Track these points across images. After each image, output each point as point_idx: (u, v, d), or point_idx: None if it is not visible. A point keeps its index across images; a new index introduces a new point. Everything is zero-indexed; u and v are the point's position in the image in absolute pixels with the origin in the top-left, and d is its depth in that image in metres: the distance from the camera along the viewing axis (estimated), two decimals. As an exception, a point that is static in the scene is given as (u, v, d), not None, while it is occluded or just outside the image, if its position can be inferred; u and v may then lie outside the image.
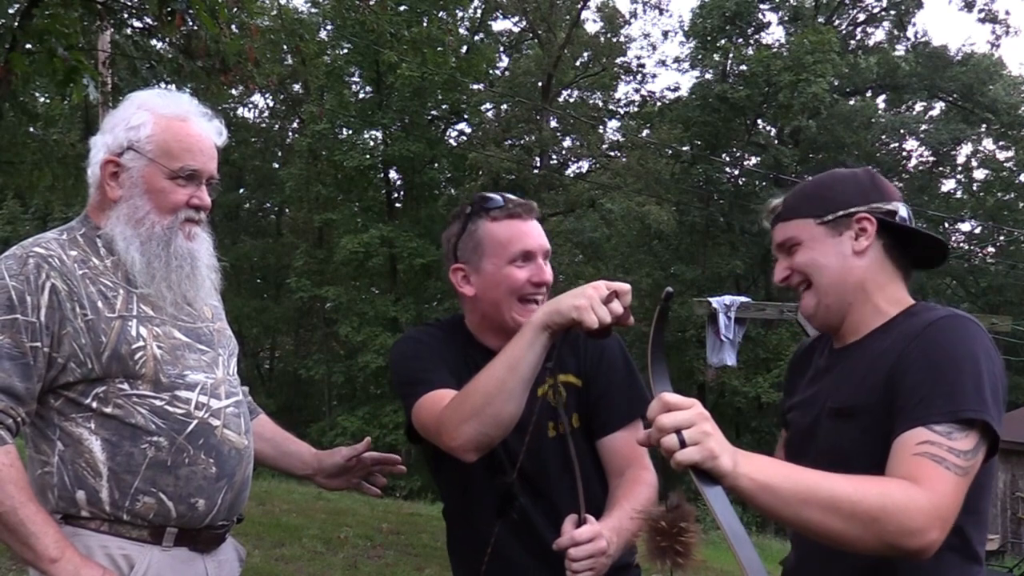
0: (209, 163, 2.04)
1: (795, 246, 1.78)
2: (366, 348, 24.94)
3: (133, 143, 1.97)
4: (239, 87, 9.13)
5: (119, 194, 1.98)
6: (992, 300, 32.33)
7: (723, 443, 1.41)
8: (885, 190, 1.79)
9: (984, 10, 31.15)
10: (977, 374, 1.57)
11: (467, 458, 1.87)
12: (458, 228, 2.09)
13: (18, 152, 10.04)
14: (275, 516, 9.07)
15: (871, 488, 1.46)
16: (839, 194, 1.76)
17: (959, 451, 1.51)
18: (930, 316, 1.68)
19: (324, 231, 29.45)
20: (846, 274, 1.75)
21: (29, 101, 10.74)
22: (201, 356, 2.01)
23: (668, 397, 1.43)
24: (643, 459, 2.06)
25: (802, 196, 1.81)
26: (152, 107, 2.02)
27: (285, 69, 21.77)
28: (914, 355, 1.62)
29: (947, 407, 1.54)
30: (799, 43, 26.17)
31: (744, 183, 29.31)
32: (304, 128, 28.25)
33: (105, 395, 1.89)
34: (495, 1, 29.78)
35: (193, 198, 2.01)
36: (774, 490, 1.43)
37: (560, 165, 31.52)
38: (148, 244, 1.96)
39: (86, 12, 7.32)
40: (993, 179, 33.27)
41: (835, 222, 1.75)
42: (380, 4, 13.48)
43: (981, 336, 1.64)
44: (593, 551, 1.78)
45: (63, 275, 1.88)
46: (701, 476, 1.39)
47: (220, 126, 2.10)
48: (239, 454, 2.02)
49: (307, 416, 30.46)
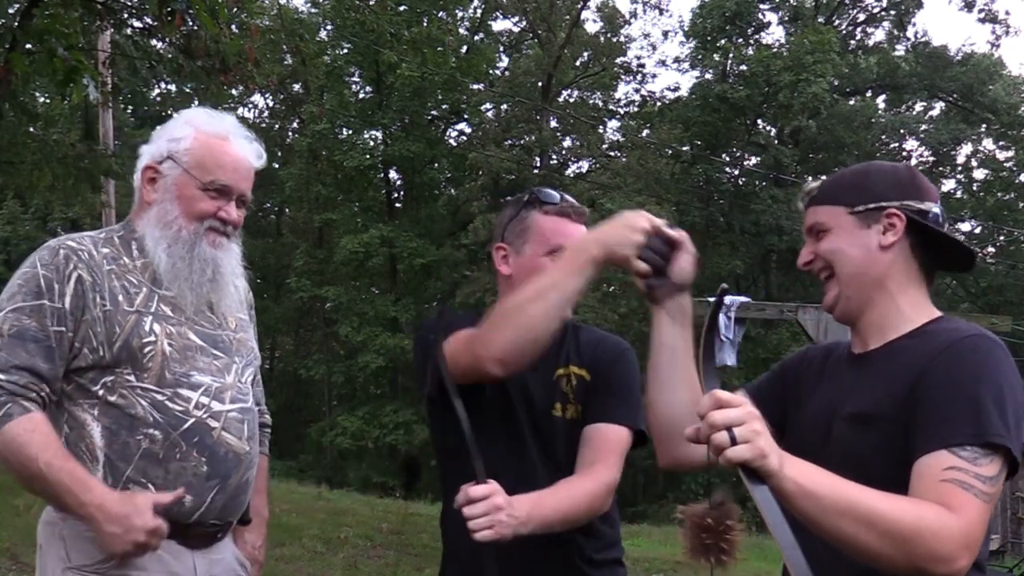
0: (242, 182, 2.15)
1: (823, 232, 1.76)
2: (366, 348, 24.93)
3: (172, 153, 2.11)
4: (239, 87, 9.14)
5: (153, 198, 2.12)
6: (992, 300, 32.31)
7: (771, 443, 1.42)
8: (923, 188, 1.76)
9: (984, 10, 31.14)
10: (1001, 398, 1.55)
11: (493, 370, 1.92)
12: (511, 212, 2.23)
13: (18, 152, 10.04)
14: (275, 516, 9.05)
15: (908, 509, 1.47)
16: (875, 186, 1.73)
17: (985, 477, 1.50)
18: (958, 333, 1.66)
19: (324, 231, 29.44)
20: (869, 267, 1.72)
21: (29, 101, 10.75)
22: (213, 360, 2.09)
23: (720, 394, 1.43)
24: (609, 458, 2.11)
25: (839, 183, 1.79)
26: (196, 124, 2.15)
27: (285, 69, 21.75)
28: (939, 371, 1.60)
29: (972, 430, 1.52)
30: (799, 43, 26.15)
31: (744, 183, 29.29)
32: (304, 128, 28.24)
33: (112, 384, 1.99)
34: (495, 1, 29.77)
35: (221, 211, 2.12)
36: (816, 497, 1.43)
37: (560, 165, 31.50)
38: (174, 246, 2.08)
39: (86, 12, 7.33)
40: (993, 179, 33.26)
41: (866, 214, 1.72)
42: (380, 4, 13.49)
43: (1006, 360, 1.62)
44: (488, 508, 1.83)
45: (90, 267, 2.01)
46: (750, 475, 1.40)
47: (260, 150, 2.21)
48: (237, 458, 2.07)
49: (307, 416, 30.48)
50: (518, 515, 1.89)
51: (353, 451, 25.88)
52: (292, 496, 10.84)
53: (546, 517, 1.97)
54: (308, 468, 26.02)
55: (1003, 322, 13.34)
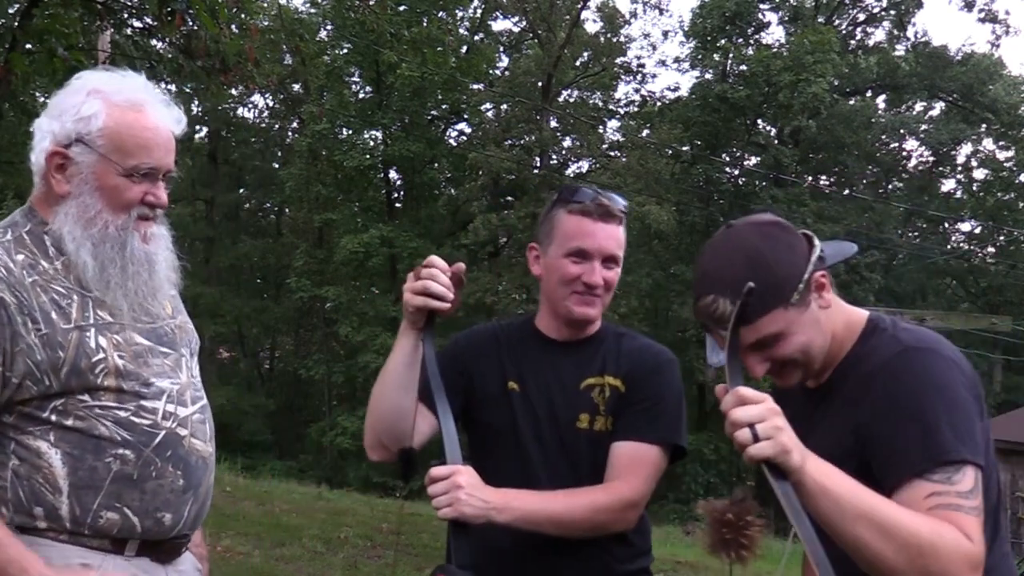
0: (166, 158, 1.86)
1: (778, 338, 1.67)
2: (366, 348, 24.92)
3: (83, 135, 1.80)
4: (239, 87, 9.14)
5: (67, 189, 1.82)
6: (992, 300, 32.32)
7: (794, 439, 1.43)
8: (797, 233, 1.70)
9: (984, 10, 31.18)
10: (949, 409, 1.54)
11: (375, 458, 2.04)
12: (545, 210, 2.18)
13: (18, 152, 10.04)
14: (275, 516, 9.08)
15: (925, 524, 1.46)
16: (783, 267, 1.64)
17: (966, 492, 1.50)
18: (885, 350, 1.64)
19: (324, 231, 29.43)
20: (826, 333, 1.71)
21: (29, 101, 10.73)
22: (164, 360, 1.89)
23: (743, 391, 1.44)
24: (630, 477, 2.04)
25: (759, 289, 1.63)
26: (105, 94, 1.84)
27: (285, 69, 21.79)
28: (879, 401, 1.59)
29: (929, 454, 1.51)
30: (799, 43, 26.16)
31: (744, 183, 29.28)
32: (304, 128, 28.24)
33: (64, 407, 1.76)
34: (495, 1, 29.78)
35: (148, 195, 1.85)
36: (836, 498, 1.44)
37: (560, 165, 31.49)
38: (101, 246, 1.81)
39: (86, 12, 7.32)
40: (993, 179, 33.26)
41: (800, 297, 1.65)
42: (380, 4, 13.49)
43: (938, 363, 1.60)
44: (448, 487, 1.84)
45: (11, 287, 1.73)
46: (773, 471, 1.41)
47: (179, 114, 1.92)
48: (204, 463, 1.92)
49: (307, 416, 30.46)
50: (488, 499, 1.87)
51: (353, 451, 25.84)
52: (292, 496, 10.84)
53: (528, 512, 1.94)
54: (308, 468, 26.01)
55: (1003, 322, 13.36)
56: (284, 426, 30.72)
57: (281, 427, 30.69)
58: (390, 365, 2.00)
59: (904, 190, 34.15)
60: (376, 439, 2.08)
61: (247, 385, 31.90)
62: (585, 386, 2.11)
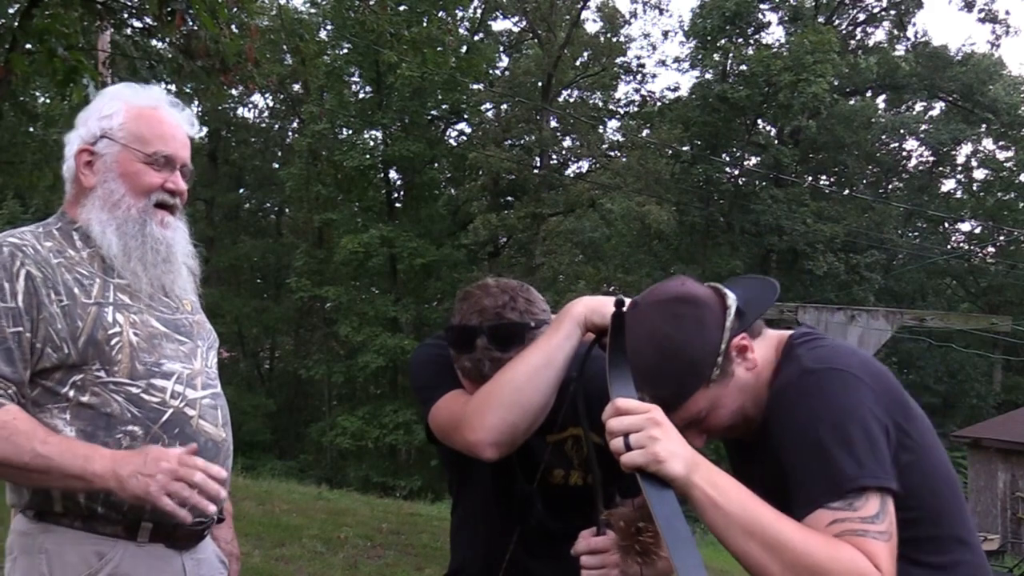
0: (182, 150, 2.05)
1: (706, 415, 1.62)
2: (366, 348, 24.94)
3: (106, 131, 2.01)
4: (239, 87, 9.13)
5: (93, 181, 2.00)
6: (992, 300, 32.37)
7: (674, 450, 1.43)
8: (708, 300, 1.62)
9: (984, 10, 31.20)
10: (844, 435, 1.48)
11: (486, 454, 1.80)
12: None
13: (18, 152, 10.05)
14: (275, 516, 9.07)
15: (823, 546, 1.43)
16: (699, 348, 1.57)
17: (870, 517, 1.45)
18: (786, 378, 1.58)
19: (324, 231, 29.44)
20: (759, 388, 1.64)
21: (29, 101, 10.74)
22: (179, 346, 1.99)
23: (621, 402, 1.46)
24: None
25: (674, 377, 1.58)
26: (124, 97, 2.06)
27: (285, 69, 21.77)
28: (782, 434, 1.55)
29: (827, 485, 1.47)
30: (799, 43, 26.17)
31: (744, 183, 29.31)
32: (304, 128, 28.24)
33: (82, 383, 1.87)
34: (495, 1, 29.78)
35: (168, 182, 2.02)
36: (724, 512, 1.44)
37: (560, 165, 31.52)
38: (124, 226, 1.97)
39: (86, 12, 7.32)
40: (993, 179, 33.31)
41: (721, 371, 1.59)
42: (380, 4, 13.47)
43: (837, 382, 1.52)
44: (607, 561, 1.76)
45: (37, 263, 1.89)
46: (648, 479, 1.42)
47: (191, 116, 2.12)
48: (216, 446, 1.97)
49: (307, 416, 30.48)
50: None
51: (353, 451, 25.88)
52: (292, 496, 10.84)
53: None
54: (308, 468, 26.03)
55: (1003, 322, 13.36)
56: (284, 426, 30.73)
57: (281, 427, 30.69)
58: (560, 356, 1.79)
59: (904, 190, 34.18)
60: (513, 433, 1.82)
61: (247, 385, 31.88)
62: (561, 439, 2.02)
